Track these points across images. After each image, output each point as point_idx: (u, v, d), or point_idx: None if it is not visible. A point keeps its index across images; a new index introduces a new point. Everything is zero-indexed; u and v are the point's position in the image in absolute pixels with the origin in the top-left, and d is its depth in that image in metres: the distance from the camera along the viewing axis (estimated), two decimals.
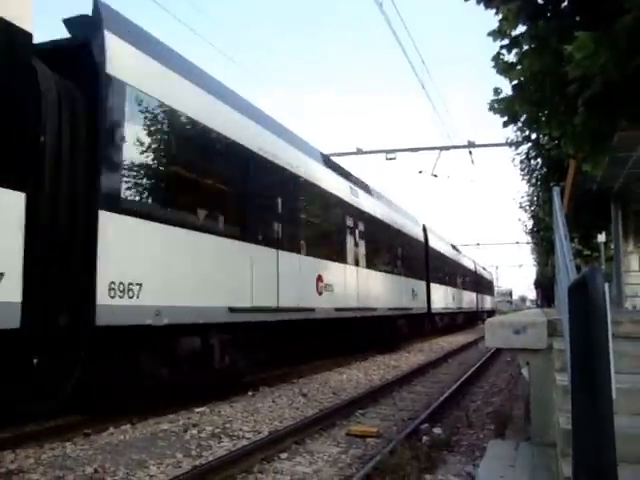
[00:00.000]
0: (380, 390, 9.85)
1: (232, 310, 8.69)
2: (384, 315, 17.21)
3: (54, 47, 6.86)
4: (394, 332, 19.17)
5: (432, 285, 24.39)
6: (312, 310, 11.75)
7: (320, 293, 12.29)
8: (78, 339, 6.45)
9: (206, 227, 8.50)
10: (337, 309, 13.25)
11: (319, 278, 12.38)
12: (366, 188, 17.34)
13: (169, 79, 7.95)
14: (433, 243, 26.09)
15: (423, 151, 21.93)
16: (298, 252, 11.52)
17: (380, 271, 17.27)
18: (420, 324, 23.26)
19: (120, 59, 6.85)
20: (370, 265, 16.15)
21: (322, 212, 13.51)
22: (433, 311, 24.32)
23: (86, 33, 6.78)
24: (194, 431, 6.68)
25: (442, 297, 27.25)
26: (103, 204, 6.53)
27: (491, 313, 48.09)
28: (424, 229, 24.90)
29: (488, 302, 52.62)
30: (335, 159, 17.66)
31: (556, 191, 5.97)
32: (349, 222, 14.83)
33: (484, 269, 52.86)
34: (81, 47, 6.74)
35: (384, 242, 18.24)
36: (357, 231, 15.31)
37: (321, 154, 14.33)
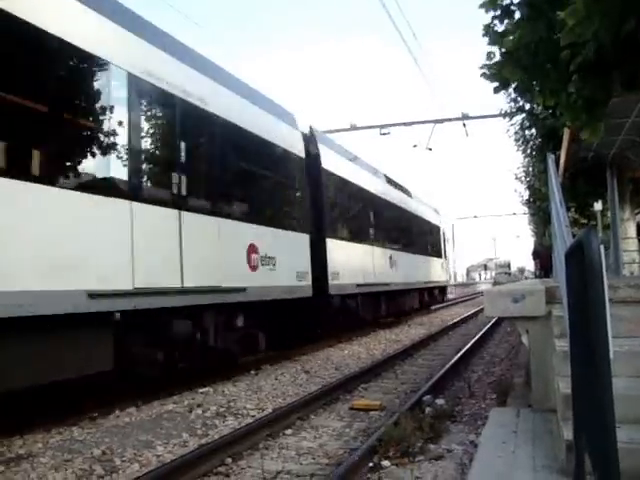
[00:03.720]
0: (382, 364, 9.93)
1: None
2: None
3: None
4: None
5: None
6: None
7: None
8: None
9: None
10: None
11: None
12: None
13: None
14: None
15: (417, 125, 21.86)
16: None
17: None
18: None
19: None
20: None
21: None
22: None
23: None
24: (199, 411, 6.75)
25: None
26: None
27: (435, 293, 27.13)
28: None
29: (423, 271, 23.79)
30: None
31: (551, 157, 5.98)
32: None
33: (404, 192, 22.29)
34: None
35: None
36: None
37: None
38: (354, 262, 14.89)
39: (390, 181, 20.56)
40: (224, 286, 8.49)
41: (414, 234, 22.94)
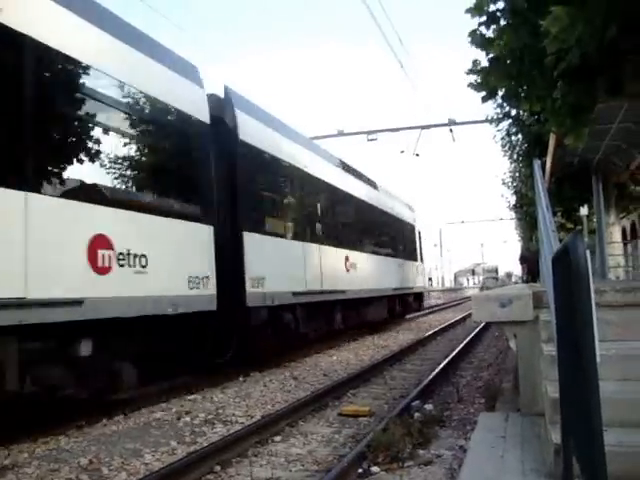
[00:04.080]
0: (371, 370, 9.92)
1: None
2: None
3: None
4: None
5: None
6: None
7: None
8: None
9: None
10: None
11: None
12: None
13: None
14: None
15: (404, 131, 21.95)
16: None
17: None
18: None
19: None
20: None
21: None
22: None
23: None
24: (187, 418, 6.71)
25: None
26: None
27: (409, 300, 22.54)
28: None
29: (393, 276, 20.12)
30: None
31: (537, 163, 6.02)
32: None
33: (367, 183, 18.39)
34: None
35: None
36: None
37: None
38: (291, 265, 11.46)
39: (348, 168, 16.50)
40: (33, 298, 5.54)
41: (380, 232, 19.45)
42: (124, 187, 7.47)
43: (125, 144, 7.33)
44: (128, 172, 7.46)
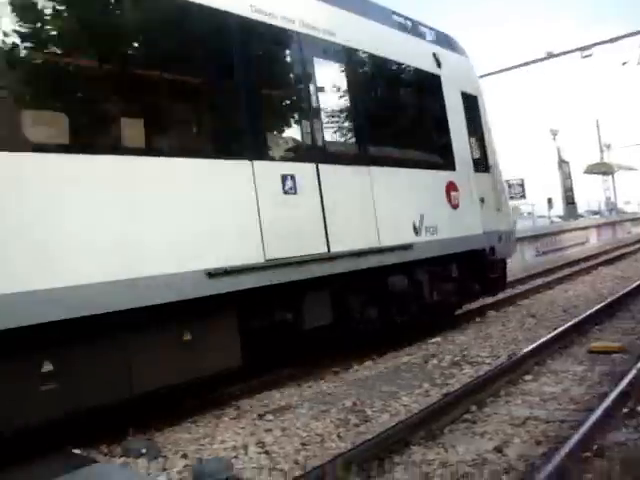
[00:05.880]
0: (614, 303, 9.38)
1: None
2: None
3: None
4: None
5: None
6: None
7: None
8: None
9: None
10: None
11: None
12: None
13: None
14: None
15: (625, 39, 19.70)
16: None
17: None
18: None
19: None
20: None
21: None
22: None
23: None
24: (434, 361, 6.97)
25: None
26: None
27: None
28: None
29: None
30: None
31: None
32: None
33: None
34: None
35: None
36: None
37: None
38: None
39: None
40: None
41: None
42: None
43: None
44: None
